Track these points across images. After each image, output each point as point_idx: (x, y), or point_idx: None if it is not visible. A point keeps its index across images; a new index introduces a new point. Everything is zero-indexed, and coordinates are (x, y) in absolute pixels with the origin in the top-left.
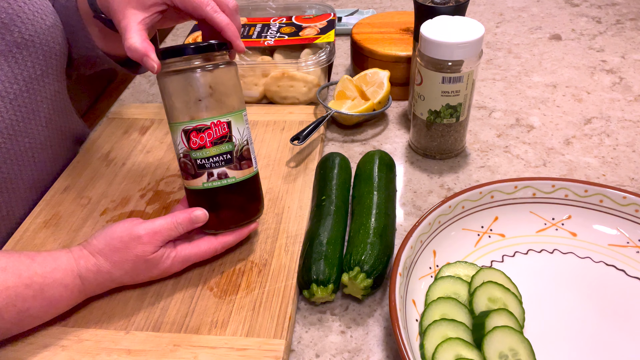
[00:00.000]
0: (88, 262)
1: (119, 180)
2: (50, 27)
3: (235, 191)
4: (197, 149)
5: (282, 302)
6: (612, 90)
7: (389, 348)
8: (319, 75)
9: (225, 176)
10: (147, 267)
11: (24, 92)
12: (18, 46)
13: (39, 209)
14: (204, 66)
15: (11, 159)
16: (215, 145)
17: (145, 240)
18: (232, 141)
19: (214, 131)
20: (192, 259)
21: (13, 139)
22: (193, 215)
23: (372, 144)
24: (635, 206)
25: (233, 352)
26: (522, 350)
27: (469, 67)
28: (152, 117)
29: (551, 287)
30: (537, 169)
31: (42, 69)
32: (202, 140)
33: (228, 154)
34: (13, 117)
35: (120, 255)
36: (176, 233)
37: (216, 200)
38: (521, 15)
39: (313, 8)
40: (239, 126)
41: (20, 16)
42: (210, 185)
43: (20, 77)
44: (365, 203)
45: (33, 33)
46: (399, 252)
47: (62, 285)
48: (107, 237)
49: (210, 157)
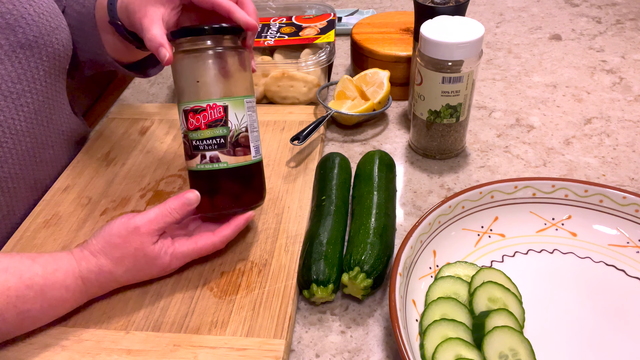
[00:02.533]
0: (89, 263)
1: (119, 180)
2: (55, 28)
3: (228, 177)
4: (192, 130)
5: (282, 302)
6: (612, 90)
7: (389, 348)
8: (319, 75)
9: (217, 160)
10: (147, 262)
11: (27, 92)
12: (22, 47)
13: (39, 209)
14: (203, 48)
15: (12, 158)
16: (210, 127)
17: (142, 230)
18: (227, 126)
19: (209, 114)
20: (191, 255)
21: (15, 138)
22: (185, 198)
23: (372, 144)
24: (635, 206)
25: (233, 352)
26: (522, 350)
27: (469, 67)
28: (152, 117)
29: (551, 287)
30: (537, 169)
31: (45, 69)
32: (198, 122)
33: (222, 138)
34: (15, 116)
35: (120, 251)
36: (172, 219)
37: (209, 184)
38: (521, 15)
39: (313, 8)
40: (237, 112)
41: (25, 17)
42: (202, 168)
43: (23, 77)
44: (365, 203)
45: (37, 34)
46: (399, 252)
47: (64, 286)
48: (106, 235)
49: (204, 140)
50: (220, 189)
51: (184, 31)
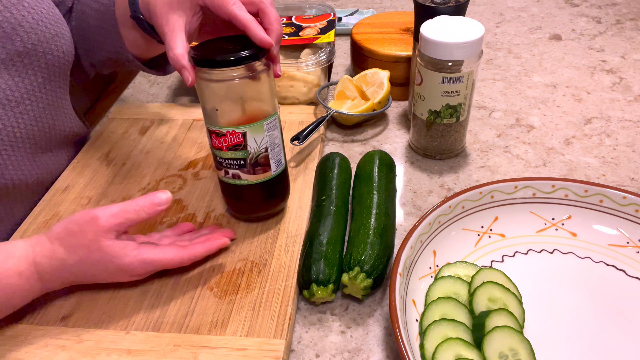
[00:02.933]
0: (44, 247)
1: (119, 180)
2: (54, 35)
3: (249, 190)
4: (216, 149)
5: (282, 302)
6: (612, 90)
7: (389, 348)
8: (319, 75)
9: (238, 177)
10: (102, 258)
11: (26, 99)
12: (20, 55)
13: (39, 209)
14: (219, 79)
15: (13, 165)
16: (230, 150)
17: (101, 222)
18: (246, 149)
19: (229, 139)
20: (155, 264)
21: (14, 146)
22: (155, 197)
23: (372, 144)
24: (635, 206)
25: (233, 352)
26: (522, 350)
27: (469, 67)
28: (152, 117)
29: (551, 287)
30: (537, 169)
31: (43, 76)
32: (219, 144)
33: (242, 160)
34: (15, 124)
35: (75, 239)
36: (135, 216)
37: (234, 192)
38: (521, 15)
39: (313, 8)
40: (256, 136)
41: (23, 25)
42: (226, 181)
43: (21, 84)
44: (365, 203)
45: (36, 42)
46: (399, 252)
47: (17, 273)
48: (67, 221)
49: (226, 159)
50: (243, 198)
51: (201, 59)
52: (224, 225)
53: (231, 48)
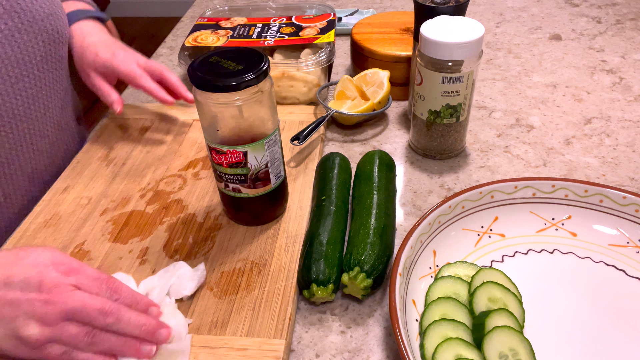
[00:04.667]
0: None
1: (119, 180)
2: (49, 15)
3: (249, 202)
4: (217, 164)
5: (282, 302)
6: (612, 90)
7: (389, 348)
8: (319, 75)
9: (238, 191)
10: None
11: (25, 76)
12: (19, 31)
13: (39, 209)
14: (224, 103)
15: (9, 143)
16: (231, 167)
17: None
18: (247, 167)
19: (230, 157)
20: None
21: (12, 124)
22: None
23: (372, 144)
24: (635, 206)
25: (233, 352)
26: (522, 350)
27: (469, 67)
28: (152, 117)
29: (551, 287)
30: (537, 169)
31: (41, 55)
32: (220, 160)
33: (242, 176)
34: (14, 100)
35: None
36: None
37: (234, 203)
38: (521, 15)
39: (313, 8)
40: (256, 154)
41: (20, 3)
42: (226, 193)
43: (21, 61)
44: (365, 203)
45: (31, 19)
46: (399, 252)
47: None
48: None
49: (226, 174)
50: (242, 209)
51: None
52: (223, 225)
53: (231, 68)
